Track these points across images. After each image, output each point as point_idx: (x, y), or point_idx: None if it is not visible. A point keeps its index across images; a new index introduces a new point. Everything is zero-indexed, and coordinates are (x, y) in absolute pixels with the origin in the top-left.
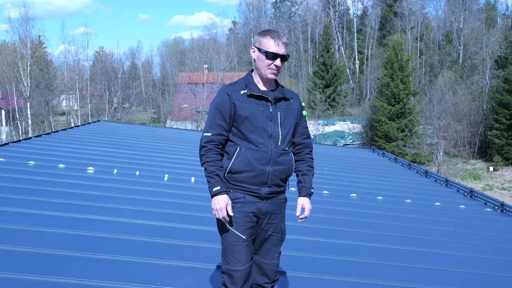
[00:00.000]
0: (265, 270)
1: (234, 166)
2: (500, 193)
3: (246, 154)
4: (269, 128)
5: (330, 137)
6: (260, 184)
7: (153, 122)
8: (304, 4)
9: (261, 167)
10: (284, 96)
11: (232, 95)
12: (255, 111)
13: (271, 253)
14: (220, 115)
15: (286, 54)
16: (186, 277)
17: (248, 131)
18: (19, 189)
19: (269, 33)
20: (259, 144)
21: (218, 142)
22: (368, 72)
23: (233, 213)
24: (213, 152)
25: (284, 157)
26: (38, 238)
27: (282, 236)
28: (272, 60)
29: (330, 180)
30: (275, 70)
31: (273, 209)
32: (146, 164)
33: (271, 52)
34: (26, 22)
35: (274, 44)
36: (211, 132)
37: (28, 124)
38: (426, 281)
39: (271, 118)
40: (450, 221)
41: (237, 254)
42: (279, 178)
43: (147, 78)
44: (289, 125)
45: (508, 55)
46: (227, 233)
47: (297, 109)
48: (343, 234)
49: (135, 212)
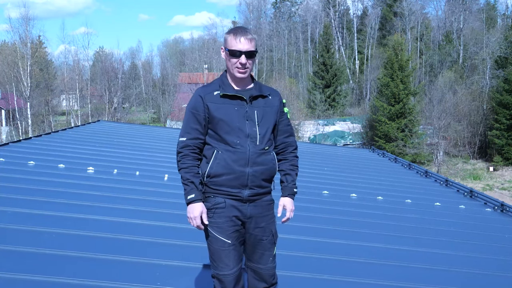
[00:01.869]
0: (262, 276)
1: (212, 169)
2: (500, 193)
3: (224, 156)
4: (246, 128)
5: (330, 137)
6: (240, 187)
7: (153, 122)
8: (304, 4)
9: (240, 168)
10: (261, 94)
11: (205, 97)
12: (230, 112)
13: (265, 257)
14: (195, 119)
15: (251, 50)
16: (186, 277)
17: (224, 133)
18: (19, 189)
19: (233, 30)
20: (236, 145)
21: (194, 147)
22: (368, 72)
23: (215, 219)
24: (189, 158)
25: (265, 156)
26: (38, 238)
27: (273, 238)
28: (236, 58)
29: (330, 180)
30: (241, 68)
31: (258, 212)
32: (146, 164)
33: (232, 50)
34: (26, 22)
35: (236, 41)
36: (186, 136)
37: (28, 124)
38: (426, 281)
39: (247, 117)
40: (450, 221)
41: (225, 258)
42: (261, 179)
43: (147, 78)
44: (268, 124)
45: (508, 55)
46: (212, 238)
47: (276, 106)
48: (343, 234)
49: (135, 212)
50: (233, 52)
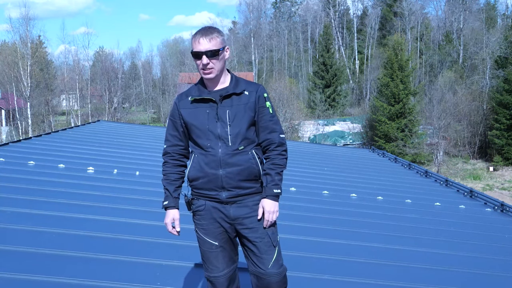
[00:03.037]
0: (265, 282)
1: (190, 173)
2: (500, 193)
3: (198, 159)
4: (217, 130)
5: (330, 137)
6: (217, 189)
7: (153, 122)
8: (304, 4)
9: (212, 171)
10: (234, 92)
11: (179, 103)
12: (200, 115)
13: (264, 261)
14: (173, 125)
15: (210, 49)
16: (186, 277)
17: (196, 137)
18: (19, 189)
19: (195, 32)
20: (207, 148)
21: (173, 153)
22: (368, 72)
23: (200, 221)
24: (168, 165)
25: (239, 157)
26: (38, 238)
27: (271, 240)
28: (199, 59)
29: (330, 180)
30: (205, 69)
31: (244, 213)
32: (146, 164)
33: (193, 52)
34: (27, 22)
35: (196, 43)
36: (166, 144)
37: (28, 124)
38: (426, 281)
39: (218, 118)
40: (450, 221)
41: (214, 260)
42: (237, 180)
43: (147, 78)
44: (241, 122)
45: (508, 55)
46: (200, 240)
47: (252, 102)
48: (343, 234)
49: (135, 212)
50: (194, 54)
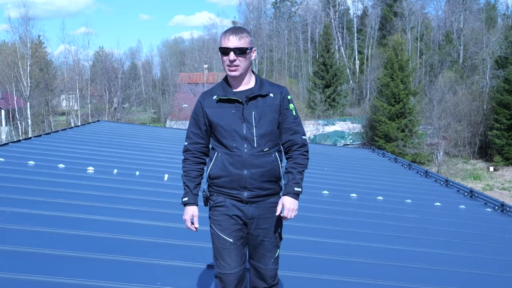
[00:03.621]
0: (262, 275)
1: (212, 171)
2: (500, 193)
3: (222, 159)
4: (243, 130)
5: (330, 137)
6: (239, 188)
7: (153, 122)
8: (304, 4)
9: (237, 171)
10: (259, 93)
11: (203, 102)
12: (226, 115)
13: (266, 258)
14: (196, 123)
15: (239, 46)
16: (186, 277)
17: (221, 136)
18: (19, 189)
19: (225, 30)
20: (233, 148)
21: (194, 151)
22: (368, 72)
23: (217, 217)
24: (189, 162)
25: (263, 158)
26: (38, 238)
27: (276, 241)
28: (226, 56)
29: (330, 180)
30: (231, 66)
31: (260, 214)
32: (146, 164)
33: (221, 47)
34: (26, 22)
35: (225, 40)
36: (188, 141)
37: (28, 124)
38: (426, 281)
39: (244, 119)
40: (450, 221)
41: (226, 257)
42: (260, 181)
43: (147, 78)
44: (267, 124)
45: (508, 55)
46: (214, 236)
47: (277, 105)
48: (343, 234)
49: (135, 212)
50: (222, 50)
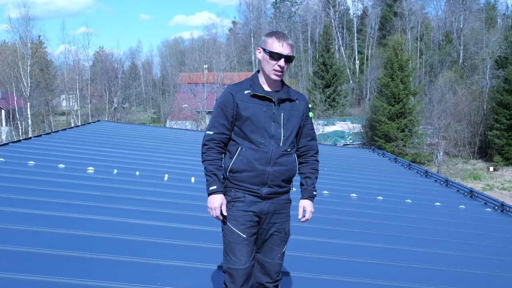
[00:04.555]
0: (267, 270)
1: (235, 165)
2: (500, 193)
3: (247, 154)
4: (271, 129)
5: (330, 137)
6: (260, 184)
7: (153, 122)
8: (304, 4)
9: (261, 167)
10: (289, 97)
11: (235, 95)
12: (258, 112)
13: (274, 252)
14: (223, 114)
15: (290, 55)
16: (186, 277)
17: (249, 131)
18: (19, 189)
19: (275, 34)
20: (260, 145)
21: (219, 141)
22: (368, 72)
23: (233, 212)
24: (214, 151)
25: (286, 158)
26: (38, 238)
27: (285, 236)
28: (276, 61)
29: (330, 180)
30: (279, 71)
31: (275, 209)
32: (146, 164)
33: (275, 53)
34: (27, 22)
35: (279, 45)
36: (213, 130)
37: (28, 124)
38: (426, 281)
39: (274, 119)
40: (450, 221)
41: (238, 252)
42: (280, 179)
43: (147, 78)
44: (292, 127)
45: (508, 55)
46: (228, 231)
47: (302, 111)
48: (343, 234)
49: (135, 212)
50: (274, 55)
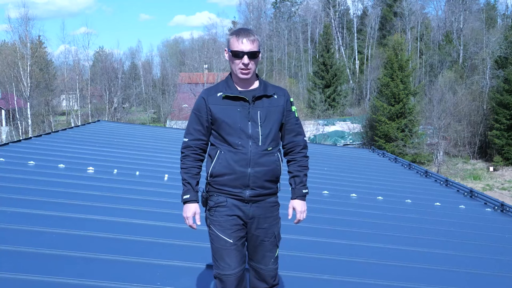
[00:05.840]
0: (262, 276)
1: (215, 169)
2: (500, 193)
3: (226, 156)
4: (248, 129)
5: (330, 137)
6: (242, 187)
7: (153, 122)
8: (304, 4)
9: (241, 169)
10: (265, 94)
11: (207, 98)
12: (232, 113)
13: (267, 258)
14: (197, 120)
15: (253, 50)
16: (186, 277)
17: (226, 134)
18: (19, 189)
19: (236, 32)
20: (238, 146)
21: (195, 147)
22: (368, 72)
23: (217, 218)
24: (190, 159)
25: (267, 157)
26: (38, 238)
27: (276, 240)
28: (239, 59)
29: (330, 180)
30: (245, 69)
31: (261, 213)
32: (146, 164)
33: (236, 51)
34: (26, 22)
35: (238, 43)
36: (189, 137)
37: (28, 124)
38: (426, 281)
39: (250, 118)
40: (450, 221)
41: (226, 258)
42: (263, 180)
43: (147, 78)
44: (272, 124)
45: (508, 55)
46: (214, 237)
47: (282, 106)
48: (343, 234)
49: (135, 212)
50: (235, 53)
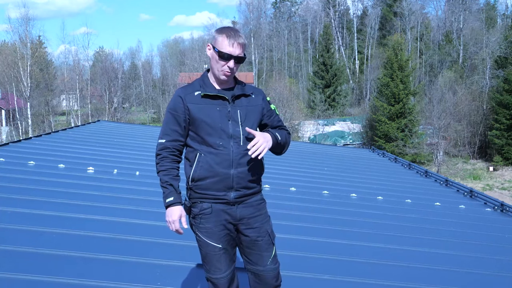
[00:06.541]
0: (263, 279)
1: (196, 173)
2: (500, 193)
3: (207, 159)
4: (229, 128)
5: (330, 137)
6: (226, 189)
7: (153, 122)
8: (304, 4)
9: (224, 170)
10: (243, 93)
11: (185, 97)
12: (211, 112)
13: (264, 258)
14: (174, 120)
15: (241, 55)
16: (186, 277)
17: (206, 134)
18: (19, 189)
19: (226, 31)
20: (219, 147)
21: (173, 149)
22: (368, 72)
23: (203, 224)
24: (168, 160)
25: (249, 157)
26: (38, 238)
27: (270, 238)
28: (225, 61)
29: (330, 180)
30: (228, 72)
31: (249, 213)
32: (146, 164)
33: (224, 53)
34: (26, 22)
35: (229, 44)
36: (166, 138)
37: (28, 124)
38: (426, 281)
39: (230, 117)
40: (450, 221)
41: (216, 262)
42: (247, 180)
43: (147, 78)
44: (251, 123)
45: (508, 55)
46: (202, 243)
47: (260, 105)
48: (343, 234)
49: (135, 212)
50: (223, 55)
